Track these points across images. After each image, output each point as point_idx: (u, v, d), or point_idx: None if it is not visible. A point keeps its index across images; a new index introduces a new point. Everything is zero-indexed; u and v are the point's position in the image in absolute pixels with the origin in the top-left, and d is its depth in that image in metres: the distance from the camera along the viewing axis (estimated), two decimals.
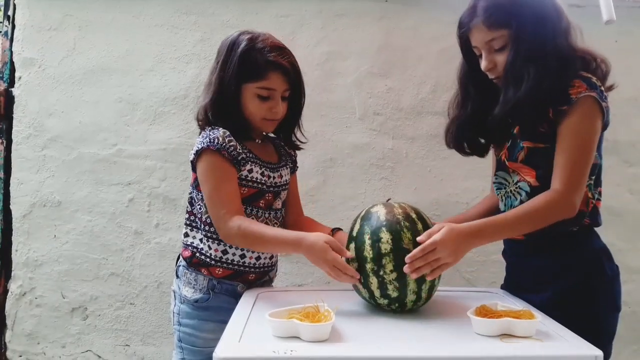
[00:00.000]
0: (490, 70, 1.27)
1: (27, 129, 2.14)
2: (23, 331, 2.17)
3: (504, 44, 1.23)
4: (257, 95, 1.31)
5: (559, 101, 1.20)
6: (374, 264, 1.13)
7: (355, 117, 2.15)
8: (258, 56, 1.29)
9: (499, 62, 1.25)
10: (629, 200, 2.18)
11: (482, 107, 1.32)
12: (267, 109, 1.32)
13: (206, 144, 1.27)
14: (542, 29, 1.21)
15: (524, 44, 1.20)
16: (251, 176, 1.32)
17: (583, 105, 1.19)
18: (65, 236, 2.15)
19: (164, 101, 2.12)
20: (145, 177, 2.14)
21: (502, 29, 1.22)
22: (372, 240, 1.14)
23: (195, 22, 2.12)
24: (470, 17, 1.26)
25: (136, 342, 2.17)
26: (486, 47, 1.25)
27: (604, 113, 1.22)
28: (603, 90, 1.22)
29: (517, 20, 1.20)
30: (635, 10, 2.12)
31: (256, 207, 1.34)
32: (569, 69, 1.21)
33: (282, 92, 1.33)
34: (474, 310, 1.03)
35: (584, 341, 0.96)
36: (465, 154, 1.42)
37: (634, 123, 2.17)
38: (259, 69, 1.28)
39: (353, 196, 2.15)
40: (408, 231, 1.14)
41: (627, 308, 2.19)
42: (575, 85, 1.19)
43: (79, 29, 2.13)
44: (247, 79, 1.29)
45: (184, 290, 1.34)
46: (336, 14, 2.14)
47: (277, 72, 1.30)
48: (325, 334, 0.95)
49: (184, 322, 1.34)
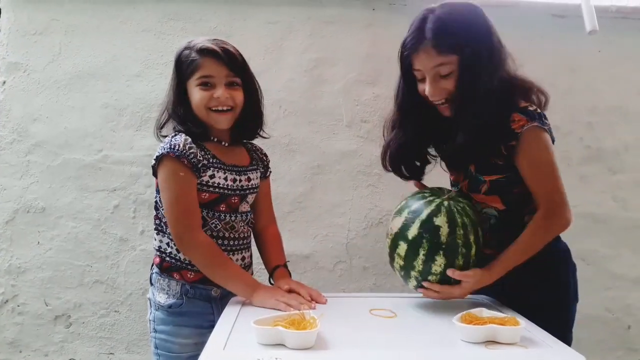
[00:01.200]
0: (433, 96, 1.24)
1: (11, 134, 2.11)
2: (5, 339, 2.13)
3: (451, 70, 1.20)
4: (198, 85, 1.31)
5: (506, 137, 1.21)
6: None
7: (342, 124, 2.16)
8: (189, 51, 1.31)
9: (445, 88, 1.22)
10: (612, 207, 2.21)
11: (421, 130, 1.32)
12: (209, 97, 1.30)
13: (167, 150, 1.27)
14: (489, 58, 1.19)
15: (474, 72, 1.17)
16: (212, 181, 1.31)
17: (530, 136, 1.20)
18: (49, 243, 2.12)
19: (150, 107, 2.10)
20: (130, 184, 2.12)
21: (451, 55, 1.18)
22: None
23: (183, 27, 2.12)
24: (416, 39, 1.21)
25: (121, 350, 2.15)
26: (432, 71, 1.21)
27: (550, 133, 1.25)
28: (541, 114, 1.23)
29: (467, 47, 1.17)
30: (618, 21, 2.16)
31: (217, 211, 1.33)
32: (511, 99, 1.22)
33: (224, 79, 1.31)
34: (460, 317, 1.04)
35: (568, 347, 0.97)
36: (404, 178, 1.41)
37: (618, 131, 2.21)
38: (192, 61, 1.30)
39: (340, 203, 2.15)
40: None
41: (611, 315, 2.22)
42: (515, 120, 1.20)
43: (65, 33, 2.12)
44: (188, 75, 1.31)
45: (158, 297, 1.33)
46: (324, 21, 2.15)
47: (209, 57, 1.30)
48: (311, 342, 0.95)
49: (160, 329, 1.33)
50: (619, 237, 2.21)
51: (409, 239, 1.21)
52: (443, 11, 1.20)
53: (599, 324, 2.20)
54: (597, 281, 2.20)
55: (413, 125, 1.33)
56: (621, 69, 2.21)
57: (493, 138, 1.21)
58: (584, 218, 2.18)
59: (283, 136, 2.11)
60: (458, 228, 1.18)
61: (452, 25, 1.19)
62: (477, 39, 1.19)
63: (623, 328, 2.22)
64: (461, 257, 1.20)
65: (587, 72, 2.19)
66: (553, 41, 2.17)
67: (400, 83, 1.32)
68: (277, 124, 2.09)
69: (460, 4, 1.24)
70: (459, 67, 1.19)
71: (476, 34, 1.19)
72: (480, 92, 1.18)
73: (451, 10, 1.21)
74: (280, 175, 1.61)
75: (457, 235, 1.18)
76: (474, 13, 1.22)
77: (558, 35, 2.17)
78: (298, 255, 2.12)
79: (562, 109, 2.18)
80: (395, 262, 1.26)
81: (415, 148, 1.36)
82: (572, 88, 2.19)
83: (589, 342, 2.20)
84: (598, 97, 2.20)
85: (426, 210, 1.21)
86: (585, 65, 2.19)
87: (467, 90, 1.19)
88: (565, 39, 2.15)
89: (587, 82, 2.19)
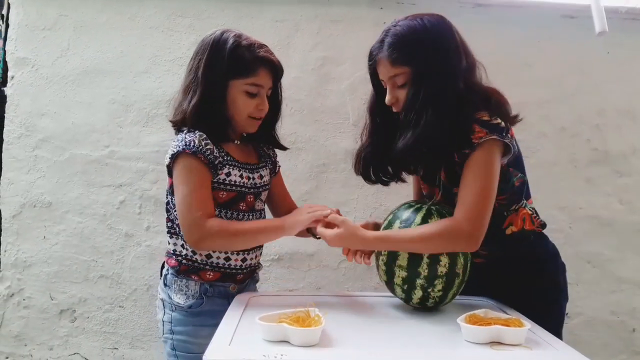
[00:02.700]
0: (393, 105, 1.29)
1: (18, 128, 2.13)
2: (10, 333, 2.15)
3: (405, 81, 1.24)
4: (246, 92, 1.29)
5: (462, 146, 1.22)
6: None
7: (349, 123, 2.16)
8: (247, 52, 1.28)
9: (401, 97, 1.26)
10: (619, 210, 2.20)
11: (388, 138, 1.33)
12: (254, 106, 1.31)
13: (182, 147, 1.25)
14: (442, 71, 1.22)
15: (424, 84, 1.21)
16: (229, 179, 1.31)
17: (484, 148, 1.20)
18: (55, 237, 2.13)
19: (157, 103, 2.11)
20: (137, 180, 2.13)
21: (404, 67, 1.23)
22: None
23: (190, 25, 2.12)
24: (378, 50, 1.27)
25: (125, 346, 2.16)
26: (390, 82, 1.27)
27: (508, 146, 1.23)
28: (503, 127, 1.22)
29: (419, 59, 1.22)
30: (628, 22, 2.15)
31: (237, 210, 1.33)
32: (466, 111, 1.22)
33: (268, 90, 1.33)
34: (464, 317, 1.04)
35: (573, 349, 0.97)
36: (371, 182, 1.43)
37: (625, 134, 2.19)
38: (249, 65, 1.28)
39: (345, 202, 2.15)
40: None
41: (616, 318, 2.21)
42: (475, 131, 1.20)
43: (74, 29, 2.12)
44: (236, 75, 1.28)
45: (176, 298, 1.32)
46: (332, 19, 2.15)
47: (266, 68, 1.29)
48: (315, 339, 0.95)
49: (178, 330, 1.32)
50: (625, 240, 2.20)
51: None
52: (404, 24, 1.25)
53: (604, 326, 2.19)
54: (602, 284, 2.20)
55: (381, 132, 1.37)
56: (630, 70, 2.20)
57: (445, 142, 1.21)
58: (589, 221, 2.17)
59: (289, 134, 2.11)
60: None
61: (408, 38, 1.23)
62: (428, 53, 1.22)
63: (628, 331, 2.21)
64: (461, 255, 1.20)
65: (596, 73, 2.18)
66: (562, 42, 2.16)
67: (372, 91, 1.39)
68: (283, 122, 2.05)
69: (426, 17, 1.26)
70: (410, 77, 1.23)
71: (428, 47, 1.22)
72: (431, 102, 1.20)
73: (411, 24, 1.25)
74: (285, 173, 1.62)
75: None
76: (436, 26, 1.25)
77: (567, 36, 2.16)
78: (302, 254, 2.12)
79: (570, 110, 2.17)
80: (396, 277, 1.21)
81: (381, 154, 1.37)
82: (580, 89, 2.18)
83: (593, 344, 2.19)
84: (606, 99, 2.19)
85: (419, 215, 1.22)
86: (594, 67, 2.18)
87: (412, 100, 1.22)
88: (574, 39, 2.14)
89: (595, 83, 2.18)
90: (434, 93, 1.20)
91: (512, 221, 1.31)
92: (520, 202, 1.32)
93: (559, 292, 1.37)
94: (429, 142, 1.20)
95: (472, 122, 1.21)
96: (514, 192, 1.31)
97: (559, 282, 1.37)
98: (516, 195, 1.31)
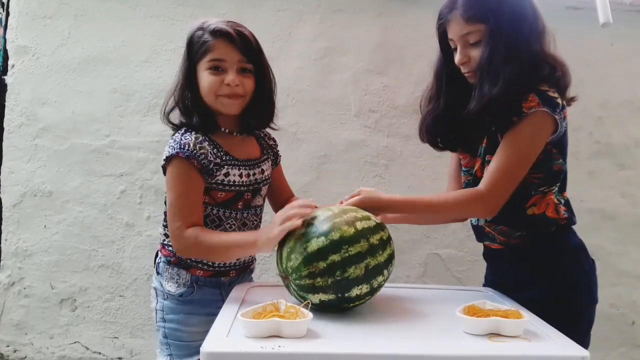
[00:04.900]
0: (463, 64, 1.27)
1: (19, 117, 2.12)
2: (11, 321, 2.16)
3: (479, 38, 1.22)
4: (209, 70, 1.26)
5: (511, 112, 1.20)
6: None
7: (350, 114, 2.15)
8: (202, 32, 1.27)
9: (473, 56, 1.24)
10: (621, 203, 2.19)
11: (456, 101, 1.31)
12: (219, 82, 1.26)
13: (176, 150, 1.22)
14: (518, 29, 1.20)
15: (499, 42, 1.19)
16: (228, 180, 1.28)
17: (532, 120, 1.18)
18: (55, 226, 2.14)
19: (158, 93, 2.10)
20: (137, 169, 2.12)
21: (479, 24, 1.21)
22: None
23: (192, 14, 2.11)
24: (450, 8, 1.26)
25: (125, 335, 2.17)
26: (462, 40, 1.25)
27: (557, 124, 1.21)
28: (559, 102, 1.20)
29: (495, 16, 1.20)
30: (632, 14, 2.13)
31: (234, 209, 1.31)
32: (536, 74, 1.21)
33: (236, 64, 1.27)
34: (463, 309, 1.03)
35: (572, 341, 0.96)
36: (439, 149, 1.41)
37: (628, 126, 2.18)
38: (205, 42, 1.26)
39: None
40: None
41: (615, 311, 2.21)
42: (529, 100, 1.18)
43: (74, 17, 2.11)
44: (197, 57, 1.27)
45: (167, 286, 1.32)
46: (334, 9, 2.14)
47: (222, 40, 1.25)
48: (304, 331, 0.94)
49: (169, 318, 1.32)
50: (627, 233, 2.19)
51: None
52: None
53: (603, 319, 2.19)
54: (602, 277, 2.16)
55: (448, 95, 1.34)
56: (634, 63, 2.18)
57: (502, 109, 1.20)
58: (591, 213, 2.16)
59: (290, 125, 2.11)
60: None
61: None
62: (505, 10, 1.20)
63: (627, 324, 2.21)
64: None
65: (599, 65, 2.17)
66: (565, 33, 2.13)
67: (439, 54, 1.36)
68: (285, 113, 2.08)
69: None
70: (485, 35, 1.21)
71: (504, 4, 1.21)
72: (507, 60, 1.18)
73: None
74: (286, 164, 1.61)
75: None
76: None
77: (571, 28, 2.14)
78: None
79: (573, 102, 2.15)
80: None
81: (449, 118, 1.34)
82: (583, 81, 2.16)
83: (593, 337, 2.17)
84: (609, 91, 2.18)
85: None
86: (598, 59, 2.16)
87: (489, 57, 1.20)
88: (578, 31, 2.12)
89: (598, 75, 2.17)
90: (509, 53, 1.18)
91: (536, 202, 1.26)
92: (552, 187, 1.27)
93: (576, 293, 1.29)
94: (504, 97, 1.18)
95: (530, 90, 1.19)
96: (550, 175, 1.26)
97: (578, 283, 1.29)
98: (550, 179, 1.26)
